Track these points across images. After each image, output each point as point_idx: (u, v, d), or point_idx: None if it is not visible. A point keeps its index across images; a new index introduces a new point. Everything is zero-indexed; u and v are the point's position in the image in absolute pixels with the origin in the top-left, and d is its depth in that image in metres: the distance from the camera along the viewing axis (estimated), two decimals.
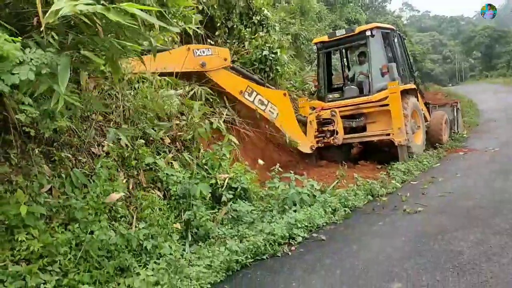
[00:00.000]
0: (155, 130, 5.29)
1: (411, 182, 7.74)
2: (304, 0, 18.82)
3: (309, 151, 8.99)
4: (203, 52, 7.25)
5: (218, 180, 5.39)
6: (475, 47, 76.63)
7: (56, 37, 2.83)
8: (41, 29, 2.61)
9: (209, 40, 8.74)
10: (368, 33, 9.40)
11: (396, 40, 10.20)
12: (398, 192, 7.00)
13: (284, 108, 8.56)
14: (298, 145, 8.76)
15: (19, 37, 2.63)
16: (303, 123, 9.25)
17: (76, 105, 3.04)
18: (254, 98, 8.10)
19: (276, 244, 4.65)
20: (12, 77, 2.54)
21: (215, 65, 7.46)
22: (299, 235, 4.94)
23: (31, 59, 2.60)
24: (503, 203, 5.55)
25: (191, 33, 7.40)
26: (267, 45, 9.17)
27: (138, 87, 5.44)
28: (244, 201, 5.54)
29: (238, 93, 7.92)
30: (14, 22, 2.94)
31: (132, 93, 5.25)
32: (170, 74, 6.25)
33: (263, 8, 9.80)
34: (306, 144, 8.92)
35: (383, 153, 9.65)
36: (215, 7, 9.07)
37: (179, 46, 7.34)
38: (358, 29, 9.84)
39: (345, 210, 5.90)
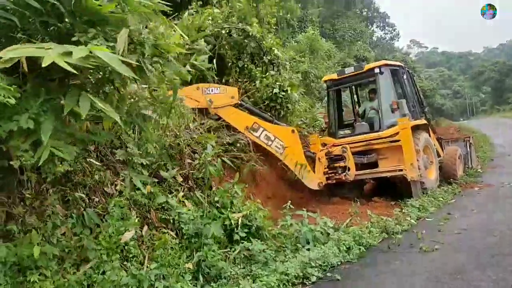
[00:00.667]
0: (167, 170, 5.33)
1: (427, 219, 7.58)
2: (313, 39, 19.27)
3: (317, 188, 8.92)
4: (211, 90, 7.73)
5: (231, 220, 5.35)
6: (485, 82, 76.95)
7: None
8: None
9: (220, 79, 8.91)
10: (376, 70, 9.51)
11: (405, 76, 10.29)
12: (414, 229, 6.84)
13: (292, 144, 8.59)
14: (304, 179, 8.71)
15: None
16: (312, 160, 9.24)
17: (65, 158, 3.07)
18: (260, 134, 8.26)
19: (290, 284, 4.54)
20: (10, 123, 2.60)
21: (222, 102, 7.87)
22: (313, 275, 4.82)
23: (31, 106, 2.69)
24: None
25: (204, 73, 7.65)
26: (277, 83, 9.32)
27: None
28: (257, 239, 5.46)
29: (243, 129, 8.16)
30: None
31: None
32: None
33: (273, 48, 10.01)
34: (313, 180, 8.86)
35: (396, 189, 9.53)
36: (226, 47, 9.31)
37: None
38: (366, 66, 9.96)
39: (359, 249, 5.77)
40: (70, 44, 2.73)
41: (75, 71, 2.56)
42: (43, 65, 2.47)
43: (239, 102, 8.27)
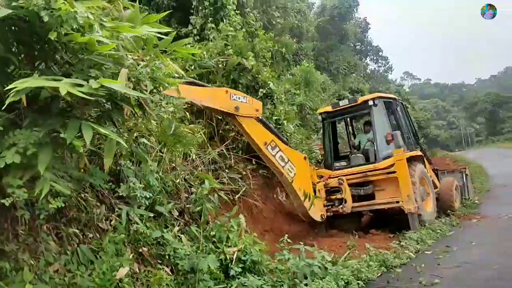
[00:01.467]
0: (163, 205, 5.29)
1: (425, 252, 7.50)
2: (308, 71, 19.57)
3: (319, 219, 8.83)
4: (239, 98, 7.45)
5: (227, 255, 5.27)
6: (478, 113, 78.01)
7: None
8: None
9: (216, 115, 8.95)
10: (370, 102, 9.63)
11: (398, 108, 10.42)
12: (413, 262, 6.76)
13: (302, 171, 8.49)
14: (310, 209, 8.58)
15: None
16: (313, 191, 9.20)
17: (65, 192, 3.07)
18: (276, 153, 8.05)
19: None
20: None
21: (247, 112, 7.61)
22: None
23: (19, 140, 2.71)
24: None
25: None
26: (273, 117, 9.40)
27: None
28: (253, 274, 5.37)
29: (263, 144, 7.88)
30: None
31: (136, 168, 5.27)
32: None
33: (268, 82, 10.16)
34: (317, 211, 8.78)
35: (394, 221, 9.46)
36: (222, 81, 9.43)
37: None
38: (360, 99, 10.09)
39: (358, 283, 5.67)
40: None
41: (90, 97, 2.65)
42: (62, 93, 2.56)
43: (261, 117, 8.13)
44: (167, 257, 4.87)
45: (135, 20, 3.52)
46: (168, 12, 3.81)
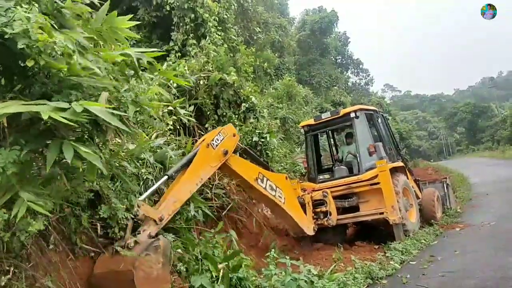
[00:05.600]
0: None
1: (410, 262, 7.54)
2: (290, 85, 19.76)
3: (312, 233, 8.75)
4: (218, 140, 6.57)
5: (212, 272, 5.20)
6: (458, 123, 79.49)
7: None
8: None
9: (199, 131, 8.94)
10: (352, 115, 9.73)
11: (379, 120, 10.57)
12: (398, 273, 6.80)
13: (288, 192, 8.23)
14: (303, 225, 8.43)
15: None
16: (301, 205, 9.16)
17: (43, 212, 3.02)
18: (266, 184, 7.60)
19: None
20: None
21: (231, 146, 6.84)
22: None
23: None
24: (506, 280, 5.40)
25: (182, 123, 7.64)
26: (256, 131, 9.42)
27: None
28: None
29: (253, 181, 7.36)
30: None
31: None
32: None
33: (251, 96, 10.20)
34: (309, 225, 8.68)
35: (379, 233, 9.51)
36: (204, 97, 9.43)
37: (173, 136, 7.51)
38: (342, 111, 10.17)
39: None
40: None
41: (74, 124, 2.66)
42: (44, 118, 2.58)
43: (242, 146, 7.71)
44: None
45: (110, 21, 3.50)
46: (130, 16, 3.75)
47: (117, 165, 4.10)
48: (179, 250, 5.27)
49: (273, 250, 6.41)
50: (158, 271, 4.39)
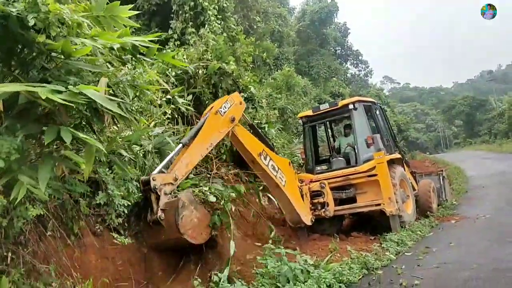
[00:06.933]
0: None
1: (406, 253, 7.60)
2: (289, 76, 19.69)
3: (310, 223, 8.80)
4: (225, 107, 6.94)
5: None
6: (456, 116, 79.44)
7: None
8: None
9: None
10: (351, 106, 9.72)
11: (377, 112, 10.57)
12: (393, 264, 6.84)
13: (290, 177, 8.35)
14: (301, 214, 8.50)
15: None
16: None
17: (42, 197, 3.03)
18: (268, 163, 7.78)
19: None
20: None
21: (238, 113, 7.21)
22: None
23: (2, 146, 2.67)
24: (500, 271, 5.45)
25: (180, 112, 7.63)
26: (255, 121, 9.41)
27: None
28: (239, 279, 5.35)
29: (257, 155, 7.59)
30: None
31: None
32: None
33: (249, 86, 10.17)
34: (307, 215, 8.74)
35: (375, 224, 9.56)
36: (203, 86, 9.40)
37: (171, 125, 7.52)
38: (341, 103, 10.17)
39: (340, 286, 5.70)
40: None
41: (70, 104, 2.63)
42: (42, 98, 2.57)
43: (250, 122, 7.99)
44: None
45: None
46: (131, 6, 3.74)
47: (114, 152, 4.09)
48: None
49: (271, 238, 6.40)
50: (196, 217, 5.38)
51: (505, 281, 5.03)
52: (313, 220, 8.85)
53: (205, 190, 6.03)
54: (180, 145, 5.93)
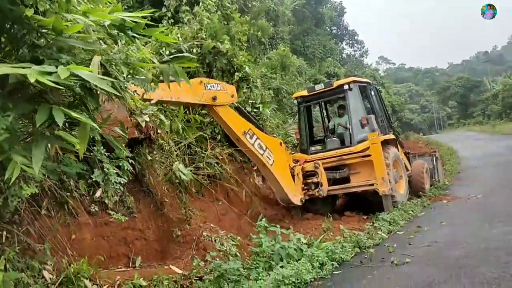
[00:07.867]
0: None
1: (397, 232, 7.71)
2: (284, 55, 19.54)
3: (299, 203, 8.91)
4: (213, 86, 7.31)
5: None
6: (450, 97, 79.58)
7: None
8: None
9: None
10: (346, 87, 9.70)
11: (372, 92, 10.57)
12: (385, 243, 6.95)
13: (279, 157, 8.52)
14: (290, 194, 8.63)
15: None
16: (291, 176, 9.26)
17: (37, 177, 3.01)
18: (254, 142, 8.01)
19: None
20: None
21: (224, 100, 7.55)
22: None
23: None
24: (490, 250, 5.55)
25: None
26: (249, 101, 9.37)
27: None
28: (233, 256, 5.43)
29: (241, 134, 7.84)
30: None
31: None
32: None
33: (244, 65, 10.10)
34: (297, 195, 8.86)
35: (368, 204, 9.66)
36: (197, 65, 9.30)
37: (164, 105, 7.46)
38: (336, 83, 10.15)
39: (332, 264, 5.80)
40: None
41: (61, 87, 2.58)
42: (31, 81, 2.47)
43: (236, 104, 8.11)
44: None
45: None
46: None
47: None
48: None
49: (263, 219, 6.47)
50: None
51: (494, 259, 5.12)
52: (303, 201, 8.94)
53: None
54: None
